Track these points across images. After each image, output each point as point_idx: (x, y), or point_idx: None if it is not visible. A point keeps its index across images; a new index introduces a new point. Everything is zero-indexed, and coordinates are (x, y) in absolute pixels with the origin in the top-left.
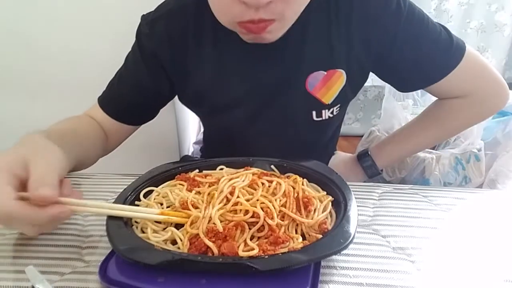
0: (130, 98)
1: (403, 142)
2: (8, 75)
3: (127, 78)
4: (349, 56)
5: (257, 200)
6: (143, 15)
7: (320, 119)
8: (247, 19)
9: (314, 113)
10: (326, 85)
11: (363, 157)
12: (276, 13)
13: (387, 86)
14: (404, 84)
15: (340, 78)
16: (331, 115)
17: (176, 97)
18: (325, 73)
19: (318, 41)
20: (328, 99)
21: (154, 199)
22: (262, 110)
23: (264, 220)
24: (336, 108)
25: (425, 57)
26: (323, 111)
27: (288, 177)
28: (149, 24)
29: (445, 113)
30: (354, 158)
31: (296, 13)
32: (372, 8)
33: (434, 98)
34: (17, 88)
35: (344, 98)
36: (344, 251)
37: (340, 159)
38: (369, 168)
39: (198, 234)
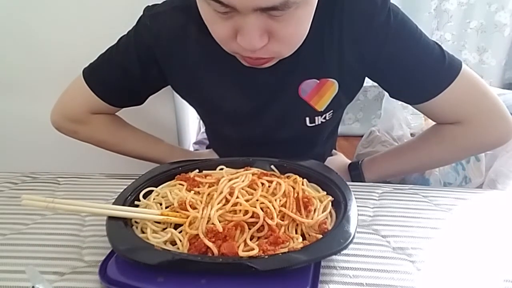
0: (115, 80)
1: (393, 160)
2: (8, 75)
3: (116, 59)
4: (341, 66)
5: (257, 200)
6: (148, 6)
7: (313, 124)
8: (246, 55)
9: (307, 119)
10: (319, 93)
11: (353, 166)
12: (272, 52)
13: None
14: (395, 94)
15: (331, 87)
16: (323, 120)
17: (177, 97)
18: (318, 81)
19: (311, 50)
20: (320, 106)
21: (154, 199)
22: (256, 114)
23: (264, 220)
24: (329, 114)
25: (413, 72)
26: (316, 118)
27: (288, 177)
28: (151, 17)
29: (436, 138)
30: (347, 165)
31: (293, 49)
32: (361, 20)
33: None
34: (17, 88)
35: (338, 105)
36: (344, 251)
37: (335, 162)
38: (356, 178)
39: (197, 235)
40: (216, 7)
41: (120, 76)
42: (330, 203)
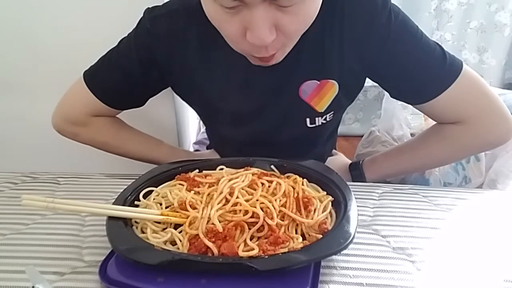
0: (116, 82)
1: (393, 160)
2: (8, 75)
3: (117, 62)
4: (342, 67)
5: (257, 200)
6: (148, 8)
7: (314, 125)
8: (258, 55)
9: (308, 120)
10: (319, 94)
11: (354, 166)
12: (280, 45)
13: None
14: (396, 95)
15: (332, 88)
16: (324, 121)
17: (177, 97)
18: (318, 82)
19: (312, 51)
20: (321, 107)
21: (154, 199)
22: (256, 115)
23: (264, 220)
24: (330, 115)
25: (414, 73)
26: (317, 119)
27: (288, 177)
28: (151, 20)
29: (437, 137)
30: (347, 165)
31: (298, 37)
32: (362, 21)
33: None
34: (17, 88)
35: (338, 106)
36: (344, 251)
37: (335, 162)
38: (357, 178)
39: (197, 235)
40: (223, 1)
41: (120, 79)
42: (330, 203)
